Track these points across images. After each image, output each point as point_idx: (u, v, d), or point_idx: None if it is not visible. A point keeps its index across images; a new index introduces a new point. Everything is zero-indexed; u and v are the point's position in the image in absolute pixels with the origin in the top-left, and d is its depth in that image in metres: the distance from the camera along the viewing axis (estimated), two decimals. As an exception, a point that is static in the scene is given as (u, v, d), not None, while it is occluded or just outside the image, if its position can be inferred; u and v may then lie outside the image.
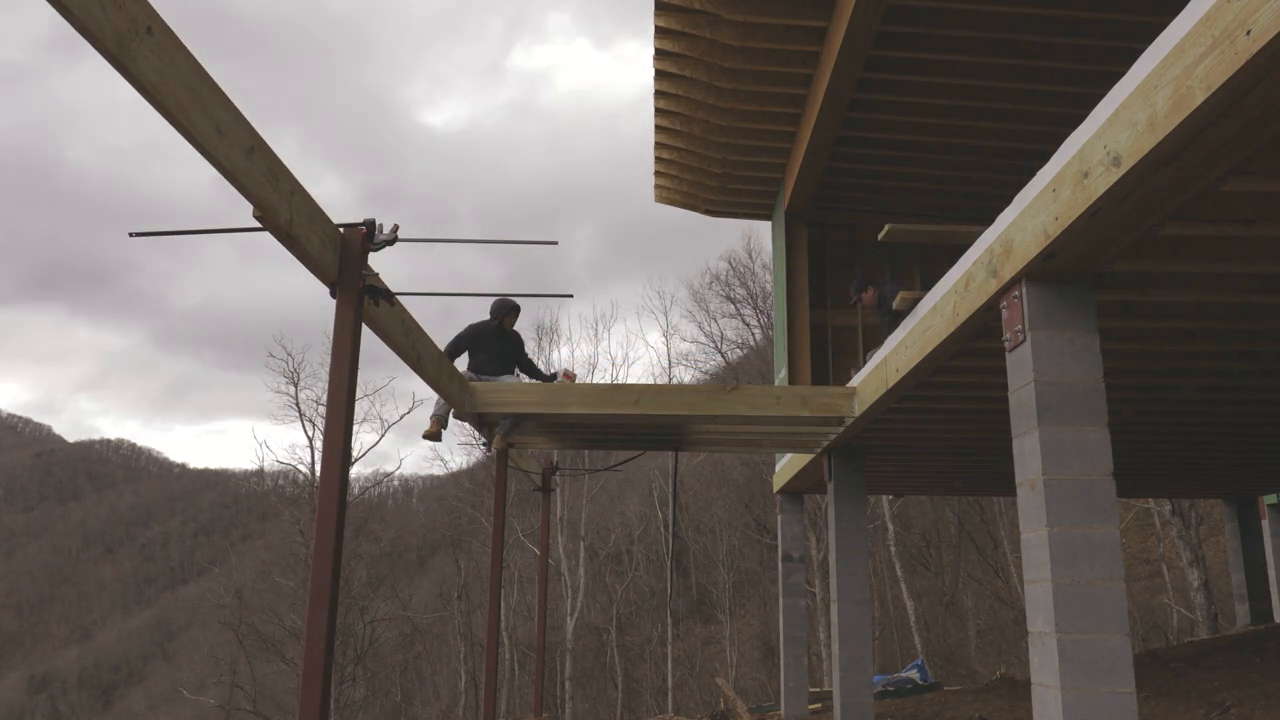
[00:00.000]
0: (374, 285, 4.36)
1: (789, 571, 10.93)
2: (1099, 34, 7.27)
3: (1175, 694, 8.32)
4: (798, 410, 6.95)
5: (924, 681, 13.46)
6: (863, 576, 7.84)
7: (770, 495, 25.03)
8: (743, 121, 9.51)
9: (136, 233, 4.09)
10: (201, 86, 3.05)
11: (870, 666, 7.89)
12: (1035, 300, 3.95)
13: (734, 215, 11.94)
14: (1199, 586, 16.81)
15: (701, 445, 9.38)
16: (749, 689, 25.17)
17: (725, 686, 13.96)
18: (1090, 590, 3.65)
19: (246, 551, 57.49)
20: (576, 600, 29.44)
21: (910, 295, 5.76)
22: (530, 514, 30.21)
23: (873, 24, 7.17)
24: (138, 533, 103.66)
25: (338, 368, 4.11)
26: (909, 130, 8.96)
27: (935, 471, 10.58)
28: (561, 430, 8.27)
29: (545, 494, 10.77)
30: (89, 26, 2.48)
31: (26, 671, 71.36)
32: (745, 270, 35.33)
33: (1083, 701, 3.56)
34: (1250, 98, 2.63)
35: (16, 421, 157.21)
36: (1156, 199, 3.29)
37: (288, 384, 29.32)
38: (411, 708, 34.03)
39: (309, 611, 3.83)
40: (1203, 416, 7.31)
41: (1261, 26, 2.36)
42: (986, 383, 5.71)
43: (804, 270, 10.42)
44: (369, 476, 39.27)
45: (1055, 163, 3.60)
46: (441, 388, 6.51)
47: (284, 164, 3.67)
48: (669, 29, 8.41)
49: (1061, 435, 3.81)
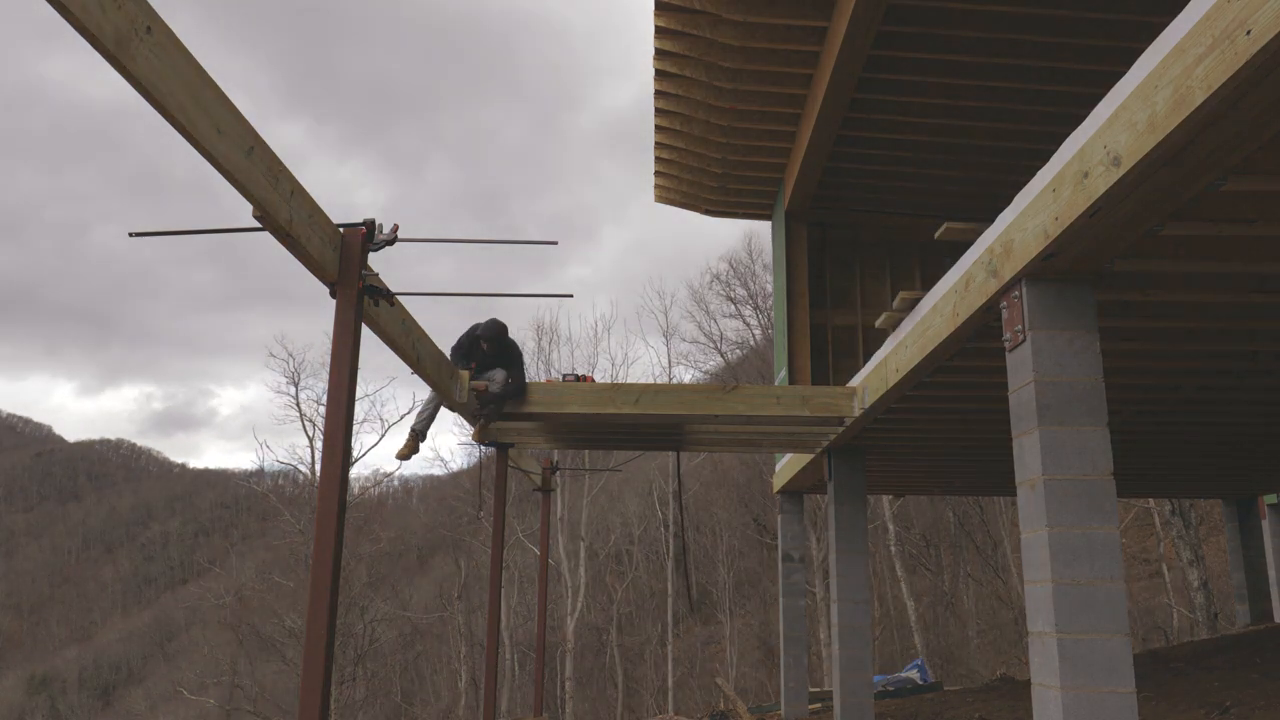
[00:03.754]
0: (374, 285, 4.37)
1: (789, 571, 10.93)
2: (1099, 34, 7.27)
3: (1175, 694, 8.32)
4: (798, 410, 6.94)
5: (924, 681, 13.47)
6: (863, 576, 7.84)
7: (770, 495, 25.02)
8: (743, 121, 9.51)
9: (136, 233, 4.09)
10: (201, 86, 3.05)
11: (870, 666, 7.89)
12: (1035, 300, 3.95)
13: (734, 215, 11.93)
14: (1199, 586, 16.82)
15: (701, 445, 9.37)
16: (749, 689, 25.18)
17: (725, 686, 13.97)
18: (1090, 590, 3.65)
19: (246, 551, 57.50)
20: (576, 600, 29.43)
21: (910, 295, 5.75)
22: (530, 514, 30.20)
23: (873, 24, 7.16)
24: (138, 533, 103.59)
25: (338, 368, 4.11)
26: (909, 130, 8.95)
27: (935, 471, 10.58)
28: (561, 430, 8.27)
29: (545, 494, 10.78)
30: (89, 26, 2.48)
31: (26, 671, 71.32)
32: (746, 270, 35.36)
33: (1083, 701, 3.56)
34: (1250, 98, 2.63)
35: (16, 421, 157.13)
36: (1156, 199, 3.29)
37: (288, 384, 29.37)
38: (411, 708, 34.03)
39: (309, 611, 3.83)
40: (1203, 416, 7.31)
41: (1261, 26, 2.36)
42: (986, 383, 5.71)
43: (804, 270, 10.41)
44: (369, 476, 39.31)
45: (1055, 163, 3.60)
46: (441, 388, 6.51)
47: (284, 164, 3.67)
48: (669, 29, 8.41)
49: (1061, 435, 3.80)
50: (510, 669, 30.84)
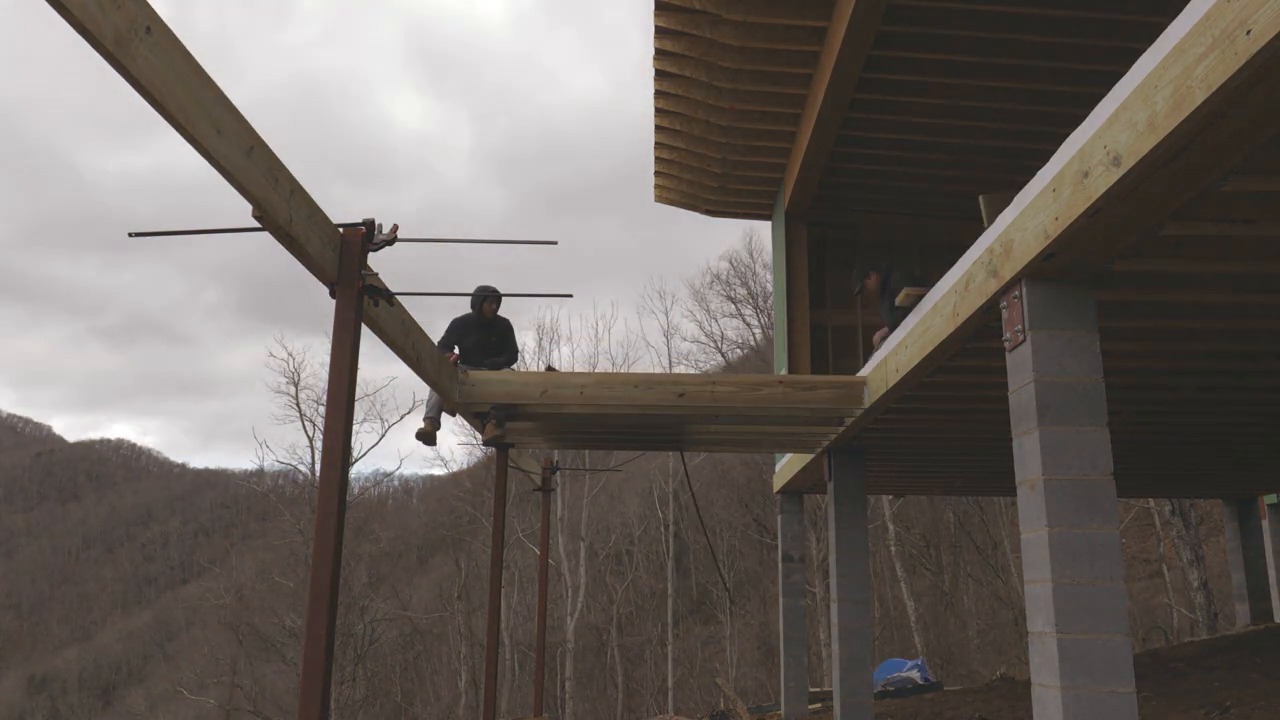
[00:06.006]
0: (373, 285, 4.37)
1: (789, 571, 10.93)
2: (1099, 34, 7.26)
3: (1175, 694, 8.32)
4: (804, 396, 6.80)
5: (924, 681, 13.47)
6: (863, 576, 7.84)
7: (770, 495, 25.02)
8: (743, 121, 9.51)
9: (135, 233, 4.09)
10: (200, 86, 3.05)
11: (870, 666, 7.88)
12: (1035, 300, 3.95)
13: (734, 215, 11.93)
14: (1199, 586, 16.81)
15: (701, 445, 9.37)
16: (749, 689, 25.17)
17: (725, 686, 13.96)
18: (1090, 590, 3.65)
19: (246, 551, 57.42)
20: (576, 600, 29.44)
21: (915, 292, 5.76)
22: (530, 514, 30.20)
23: (873, 24, 7.16)
24: (138, 533, 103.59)
25: (337, 368, 4.11)
26: (909, 130, 8.95)
27: (935, 471, 10.58)
28: (561, 430, 8.25)
29: (545, 494, 10.78)
30: (88, 26, 2.48)
31: (26, 671, 71.31)
32: (746, 270, 35.38)
33: (1083, 701, 3.56)
34: (1250, 98, 2.63)
35: (16, 421, 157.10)
36: (1157, 199, 3.29)
37: (288, 384, 29.37)
38: (411, 708, 34.01)
39: (309, 611, 3.83)
40: (1203, 416, 7.31)
41: (1261, 26, 2.36)
42: (986, 383, 5.71)
43: (804, 270, 10.41)
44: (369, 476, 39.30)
45: (1055, 163, 3.60)
46: (441, 387, 6.51)
47: (283, 164, 3.67)
48: (669, 29, 8.41)
49: (1061, 435, 3.80)
50: (510, 669, 30.83)
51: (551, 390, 6.84)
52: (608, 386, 6.86)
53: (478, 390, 6.85)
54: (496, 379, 6.97)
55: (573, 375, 7.04)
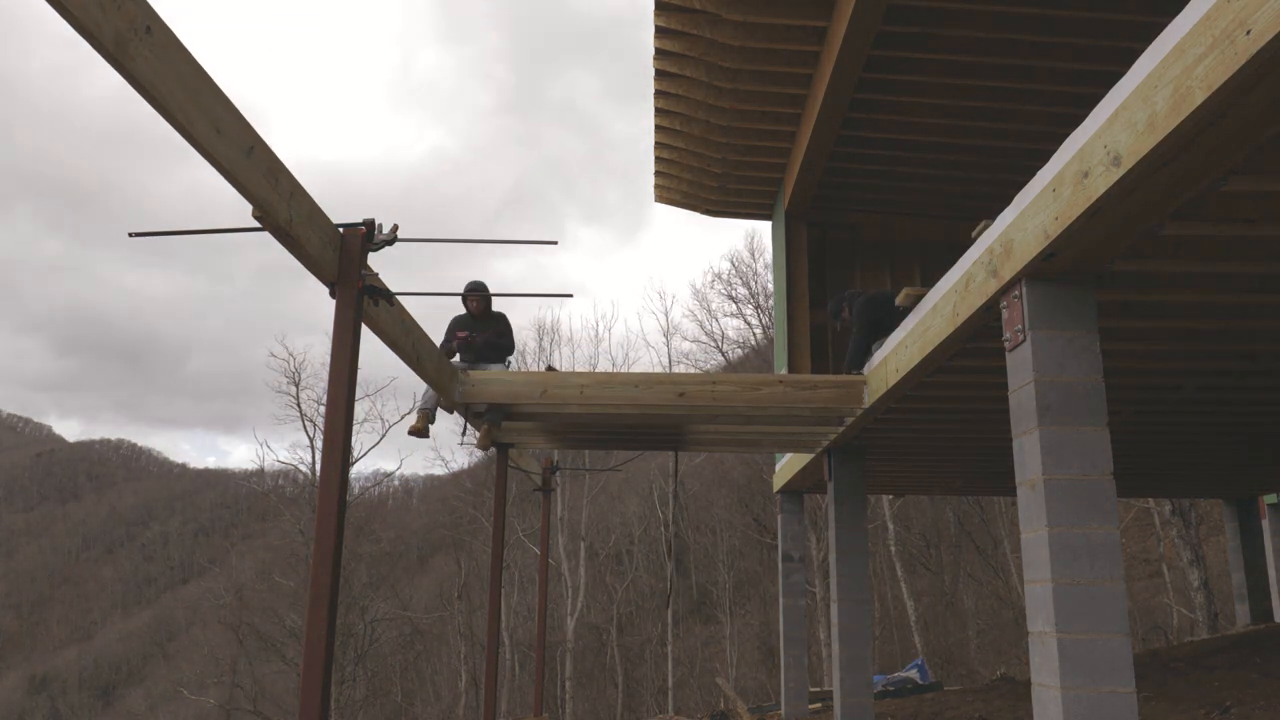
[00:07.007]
0: (373, 285, 4.37)
1: (789, 571, 10.94)
2: (1099, 34, 7.26)
3: (1175, 694, 8.32)
4: (804, 396, 6.79)
5: (924, 681, 13.47)
6: (863, 576, 7.84)
7: (770, 495, 25.02)
8: (743, 121, 9.51)
9: (135, 233, 4.09)
10: (200, 86, 3.05)
11: (870, 666, 7.88)
12: (1035, 300, 3.95)
13: (734, 215, 11.93)
14: (1199, 586, 16.81)
15: (701, 445, 9.36)
16: (749, 689, 25.17)
17: (725, 686, 13.96)
18: (1090, 590, 3.65)
19: (246, 551, 57.45)
20: (577, 600, 29.45)
21: (914, 291, 5.77)
22: (530, 514, 30.21)
23: (873, 24, 7.16)
24: (138, 533, 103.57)
25: (337, 368, 4.10)
26: (909, 130, 8.95)
27: (935, 471, 10.58)
28: (561, 430, 8.25)
29: (545, 494, 10.78)
30: (88, 26, 2.48)
31: (26, 671, 71.32)
32: (747, 270, 35.37)
33: (1083, 701, 3.56)
34: (1250, 98, 2.63)
35: (16, 421, 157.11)
36: (1157, 199, 3.29)
37: (289, 384, 29.38)
38: (411, 708, 34.02)
39: (309, 611, 3.83)
40: (1203, 416, 7.31)
41: (1261, 26, 2.36)
42: (986, 383, 5.71)
43: (804, 270, 10.41)
44: (369, 476, 39.30)
45: (1055, 163, 3.60)
46: (441, 388, 6.51)
47: (283, 163, 3.67)
48: (669, 29, 8.41)
49: (1061, 435, 3.80)
50: (510, 669, 30.84)
51: (552, 390, 6.83)
52: (608, 386, 6.86)
53: (477, 390, 6.85)
54: (496, 379, 6.96)
55: (573, 375, 7.02)
